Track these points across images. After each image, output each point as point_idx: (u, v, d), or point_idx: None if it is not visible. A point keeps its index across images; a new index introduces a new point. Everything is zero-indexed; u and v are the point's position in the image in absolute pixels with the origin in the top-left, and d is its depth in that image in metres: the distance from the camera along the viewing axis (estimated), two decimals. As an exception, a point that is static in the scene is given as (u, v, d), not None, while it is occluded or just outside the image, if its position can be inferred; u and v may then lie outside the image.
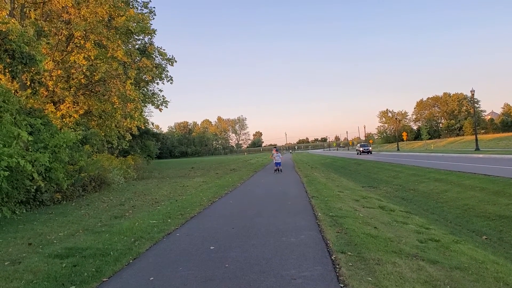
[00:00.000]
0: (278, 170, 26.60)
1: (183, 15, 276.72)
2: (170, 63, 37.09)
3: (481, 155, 35.25)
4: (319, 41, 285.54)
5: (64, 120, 22.03)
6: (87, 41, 21.83)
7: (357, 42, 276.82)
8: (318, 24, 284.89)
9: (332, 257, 5.89)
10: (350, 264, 5.53)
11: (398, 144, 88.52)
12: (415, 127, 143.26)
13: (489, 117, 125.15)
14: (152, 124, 66.31)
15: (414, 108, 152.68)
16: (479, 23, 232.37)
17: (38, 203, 12.76)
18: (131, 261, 6.29)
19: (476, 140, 48.70)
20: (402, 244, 7.07)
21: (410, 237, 8.03)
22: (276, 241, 7.07)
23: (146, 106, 41.24)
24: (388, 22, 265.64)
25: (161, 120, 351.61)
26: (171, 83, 38.34)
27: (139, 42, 35.36)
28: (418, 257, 6.19)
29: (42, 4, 21.07)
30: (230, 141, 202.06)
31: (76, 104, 23.44)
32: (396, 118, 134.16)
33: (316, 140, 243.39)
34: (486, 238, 10.94)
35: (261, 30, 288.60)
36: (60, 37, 22.29)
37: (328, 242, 6.80)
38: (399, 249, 6.60)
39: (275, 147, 30.52)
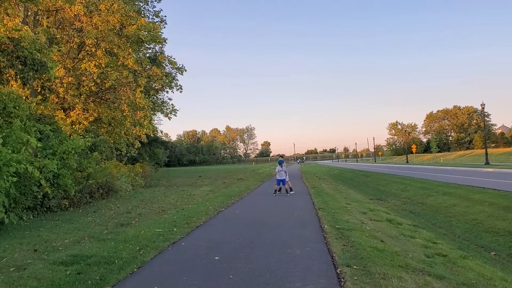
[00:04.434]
0: (286, 191, 18.67)
1: (193, 24, 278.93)
2: (180, 72, 37.35)
3: (491, 169, 34.91)
4: (330, 54, 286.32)
5: (73, 127, 22.18)
6: (98, 49, 22.03)
7: (367, 56, 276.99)
8: (329, 38, 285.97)
9: (338, 271, 5.84)
10: (356, 278, 5.47)
11: (407, 157, 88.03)
12: (424, 140, 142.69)
13: (499, 131, 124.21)
14: (161, 132, 66.77)
15: (424, 120, 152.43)
16: (490, 37, 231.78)
17: (45, 209, 12.81)
18: (135, 269, 6.27)
19: (486, 154, 48.27)
20: (408, 259, 6.99)
21: (417, 252, 7.95)
22: (281, 253, 7.02)
23: (155, 114, 41.47)
24: (399, 37, 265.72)
25: (170, 128, 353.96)
26: (180, 91, 38.63)
27: (149, 51, 35.68)
28: (424, 272, 6.11)
29: (55, 12, 21.33)
30: (238, 150, 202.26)
31: (86, 111, 23.60)
32: (405, 130, 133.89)
33: (324, 151, 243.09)
34: (495, 254, 10.79)
35: (272, 41, 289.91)
36: (71, 44, 22.53)
37: (334, 255, 6.74)
38: (406, 263, 6.53)
39: (281, 159, 19.81)
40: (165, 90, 38.67)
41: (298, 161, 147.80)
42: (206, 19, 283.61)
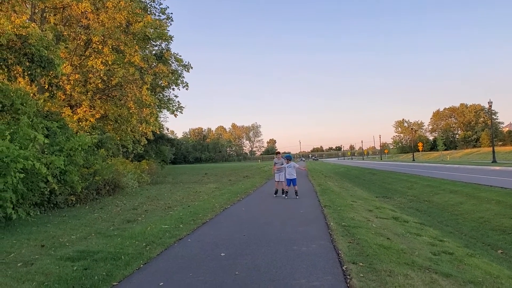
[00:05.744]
0: (296, 193, 15.65)
1: (199, 21, 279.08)
2: (186, 69, 37.35)
3: (498, 168, 34.71)
4: (336, 52, 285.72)
5: (80, 123, 22.29)
6: (105, 46, 22.10)
7: (373, 55, 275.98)
8: (335, 36, 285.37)
9: (343, 268, 5.83)
10: (361, 275, 5.46)
11: (413, 155, 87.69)
12: (431, 138, 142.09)
13: (507, 129, 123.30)
14: (167, 129, 66.86)
15: (431, 118, 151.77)
16: (497, 35, 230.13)
17: (52, 205, 12.87)
18: (141, 265, 6.29)
19: (493, 152, 47.97)
20: (415, 256, 6.97)
21: (424, 249, 7.92)
22: (287, 250, 7.02)
23: (161, 112, 41.48)
24: (405, 35, 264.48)
25: (176, 125, 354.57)
26: (186, 89, 38.60)
27: (156, 48, 35.64)
28: (431, 270, 6.09)
29: (62, 9, 21.41)
30: (244, 148, 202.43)
31: (92, 108, 23.70)
32: (412, 128, 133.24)
33: (330, 148, 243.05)
34: (502, 252, 10.73)
35: (277, 40, 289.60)
36: (78, 41, 22.61)
37: (340, 252, 6.73)
38: (412, 261, 6.51)
39: (282, 155, 17.04)
40: (171, 87, 38.68)
41: (303, 159, 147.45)
42: (212, 17, 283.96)
